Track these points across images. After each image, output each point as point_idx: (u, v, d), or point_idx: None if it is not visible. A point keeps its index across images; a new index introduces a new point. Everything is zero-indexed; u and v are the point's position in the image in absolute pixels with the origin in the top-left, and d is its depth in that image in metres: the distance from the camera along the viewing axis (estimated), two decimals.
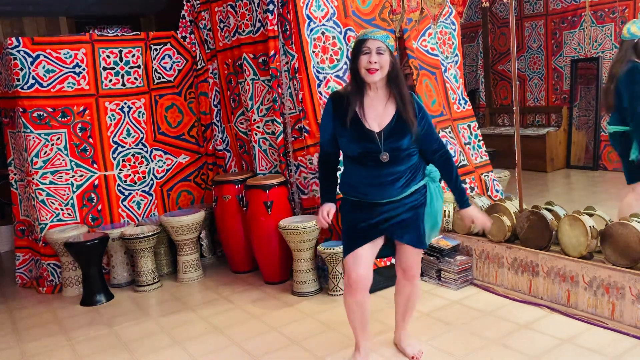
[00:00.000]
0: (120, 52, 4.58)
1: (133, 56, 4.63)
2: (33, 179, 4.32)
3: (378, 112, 2.43)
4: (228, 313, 3.65)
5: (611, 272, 2.94)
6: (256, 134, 4.31)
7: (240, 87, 4.42)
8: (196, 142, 4.93)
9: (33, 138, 4.31)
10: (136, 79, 4.67)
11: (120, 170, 4.62)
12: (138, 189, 4.70)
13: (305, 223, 3.71)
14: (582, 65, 6.71)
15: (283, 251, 3.98)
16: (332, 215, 2.56)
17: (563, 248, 3.20)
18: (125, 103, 4.63)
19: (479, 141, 4.66)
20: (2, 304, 4.23)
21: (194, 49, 4.77)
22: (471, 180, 4.42)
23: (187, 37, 4.75)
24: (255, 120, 4.30)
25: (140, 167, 4.71)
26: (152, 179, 4.77)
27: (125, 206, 4.64)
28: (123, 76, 4.61)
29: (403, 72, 3.80)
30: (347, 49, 3.98)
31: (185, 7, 4.70)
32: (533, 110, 7.38)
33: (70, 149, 4.43)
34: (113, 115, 4.59)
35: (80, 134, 4.47)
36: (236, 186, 4.25)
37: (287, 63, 3.99)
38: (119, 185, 4.61)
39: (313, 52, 3.90)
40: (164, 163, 4.82)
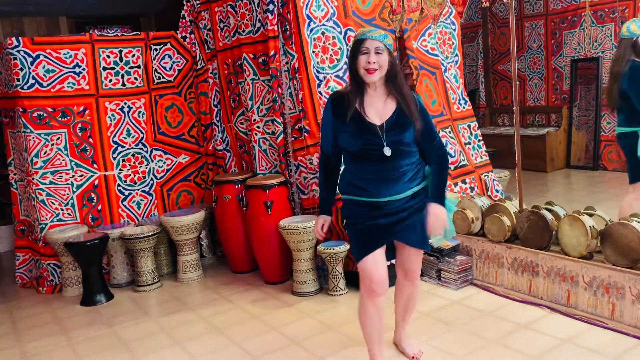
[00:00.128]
0: (120, 52, 4.58)
1: (133, 56, 4.63)
2: (33, 179, 4.32)
3: (378, 109, 2.42)
4: (228, 313, 3.65)
5: (611, 272, 2.94)
6: (256, 134, 4.31)
7: (240, 87, 4.42)
8: (196, 142, 4.93)
9: (33, 138, 4.31)
10: (136, 79, 4.67)
11: (120, 170, 4.62)
12: (138, 189, 4.70)
13: (305, 223, 3.71)
14: (582, 65, 6.70)
15: (283, 251, 3.98)
16: (327, 228, 2.58)
17: (563, 248, 3.20)
18: (125, 103, 4.63)
19: (479, 141, 4.66)
20: (2, 304, 4.23)
21: (194, 49, 4.77)
22: (471, 180, 4.42)
23: (187, 37, 4.75)
24: (255, 120, 4.30)
25: (140, 167, 4.71)
26: (152, 179, 4.77)
27: (125, 206, 4.64)
28: (123, 76, 4.61)
29: (403, 72, 3.81)
30: (347, 49, 3.98)
31: (185, 7, 4.70)
32: (533, 110, 7.37)
33: (70, 149, 4.44)
34: (113, 115, 4.59)
35: (80, 134, 4.47)
36: (236, 186, 4.25)
37: (287, 63, 3.99)
38: (119, 185, 4.61)
39: (313, 52, 3.90)
40: (164, 163, 4.82)
